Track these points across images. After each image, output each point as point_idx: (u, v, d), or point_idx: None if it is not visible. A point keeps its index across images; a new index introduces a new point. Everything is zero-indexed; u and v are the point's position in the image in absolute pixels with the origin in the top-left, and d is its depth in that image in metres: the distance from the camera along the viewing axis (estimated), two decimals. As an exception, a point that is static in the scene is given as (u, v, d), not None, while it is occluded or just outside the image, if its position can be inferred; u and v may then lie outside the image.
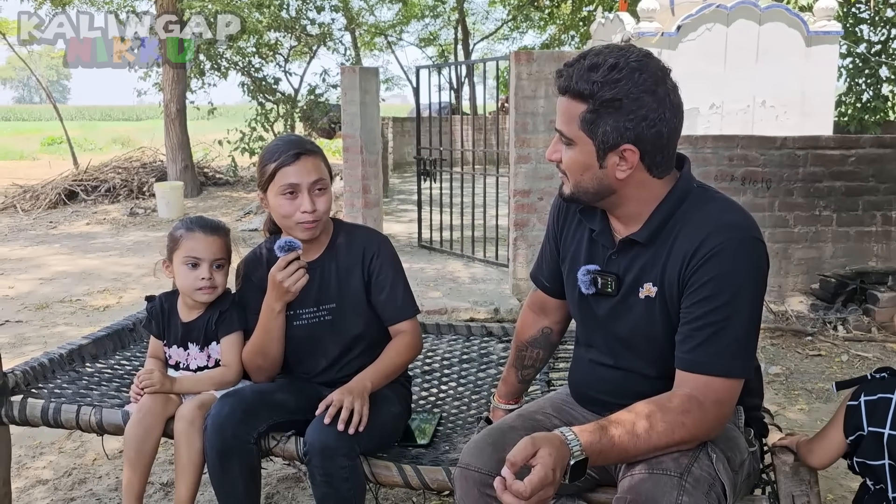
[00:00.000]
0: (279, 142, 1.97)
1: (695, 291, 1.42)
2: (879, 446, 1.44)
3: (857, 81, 12.36)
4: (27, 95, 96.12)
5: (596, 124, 1.42)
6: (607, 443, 1.33)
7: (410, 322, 2.05)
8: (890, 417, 1.44)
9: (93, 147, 21.64)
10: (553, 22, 19.26)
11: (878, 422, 1.45)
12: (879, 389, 1.47)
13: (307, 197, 1.89)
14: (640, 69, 1.39)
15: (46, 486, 2.75)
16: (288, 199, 1.90)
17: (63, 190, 10.70)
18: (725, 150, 4.95)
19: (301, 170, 1.89)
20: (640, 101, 1.39)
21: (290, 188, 1.89)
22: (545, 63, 4.97)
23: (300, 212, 1.89)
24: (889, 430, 1.43)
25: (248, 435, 1.83)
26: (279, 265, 1.88)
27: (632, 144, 1.42)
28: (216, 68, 12.35)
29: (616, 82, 1.38)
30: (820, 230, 5.12)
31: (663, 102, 1.41)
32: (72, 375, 2.40)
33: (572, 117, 1.44)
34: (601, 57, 1.41)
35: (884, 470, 1.44)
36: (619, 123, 1.40)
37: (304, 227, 1.92)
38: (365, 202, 6.38)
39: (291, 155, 1.89)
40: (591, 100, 1.40)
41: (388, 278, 2.02)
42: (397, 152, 15.32)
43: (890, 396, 1.45)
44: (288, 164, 1.89)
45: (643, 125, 1.40)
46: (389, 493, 2.58)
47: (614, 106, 1.39)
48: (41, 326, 4.84)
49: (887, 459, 1.43)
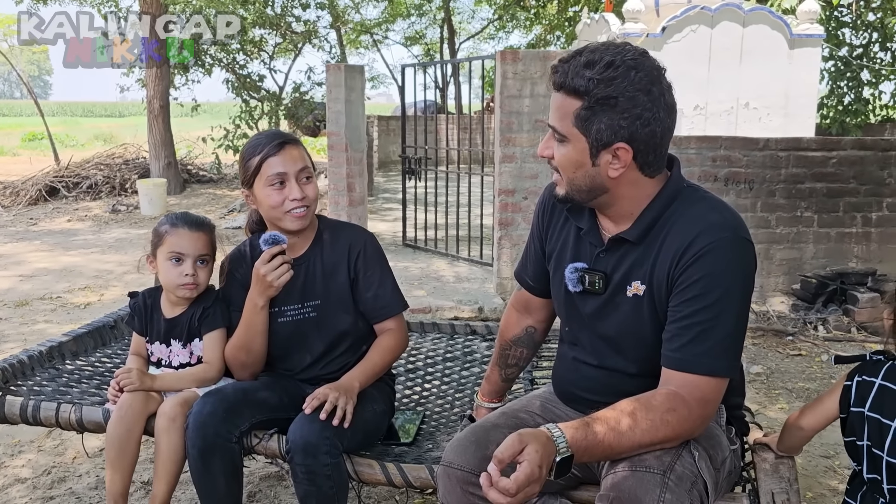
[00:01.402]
0: (259, 136, 1.97)
1: (683, 290, 1.43)
2: (861, 427, 1.49)
3: (838, 84, 12.51)
4: (7, 90, 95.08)
5: (590, 121, 1.41)
6: (593, 440, 1.33)
7: (396, 319, 2.05)
8: (871, 399, 1.47)
9: (75, 143, 21.42)
10: (539, 22, 19.31)
11: (861, 402, 1.49)
12: (868, 371, 1.51)
13: (295, 185, 1.89)
14: (636, 67, 1.39)
15: (25, 485, 2.72)
16: (276, 189, 1.89)
17: (44, 186, 10.57)
18: (709, 151, 4.99)
19: (286, 159, 1.89)
20: (635, 100, 1.39)
21: (277, 178, 1.88)
22: (531, 63, 4.98)
23: (290, 199, 1.89)
24: (868, 412, 1.47)
25: (230, 433, 1.82)
26: (263, 259, 1.86)
27: (625, 143, 1.42)
28: (200, 65, 12.25)
29: (612, 80, 1.38)
30: (801, 231, 5.17)
31: (658, 102, 1.41)
32: (52, 373, 2.37)
33: (566, 114, 1.44)
34: (597, 54, 1.40)
35: (861, 450, 1.49)
36: (613, 121, 1.40)
37: (294, 216, 1.91)
38: (350, 200, 6.37)
39: (275, 145, 1.90)
40: (587, 97, 1.40)
41: (374, 275, 2.02)
42: (382, 151, 15.30)
43: (874, 380, 1.49)
44: (273, 155, 1.89)
45: (637, 124, 1.40)
46: (372, 491, 2.57)
47: (609, 104, 1.39)
48: (21, 324, 4.78)
49: (866, 440, 1.48)
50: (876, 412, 1.46)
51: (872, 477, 1.49)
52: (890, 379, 1.47)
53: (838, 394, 1.54)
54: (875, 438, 1.46)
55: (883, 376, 1.48)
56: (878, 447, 1.46)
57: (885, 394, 1.46)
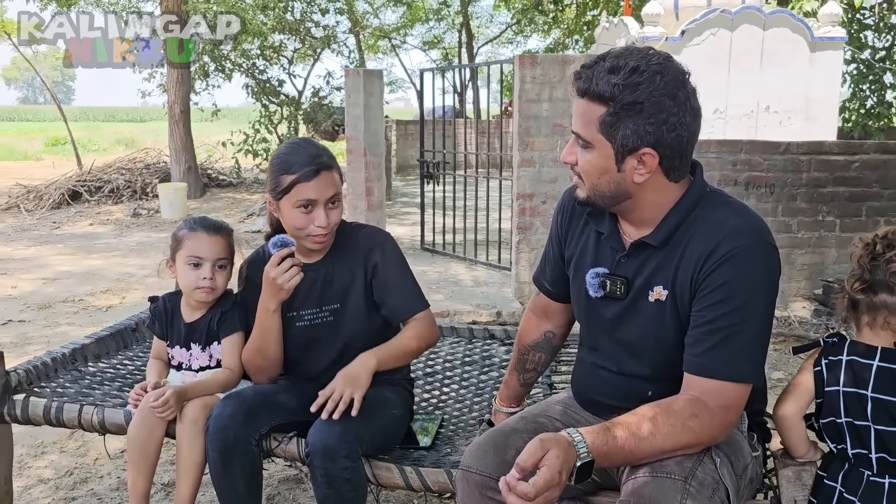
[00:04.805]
0: (296, 152, 1.90)
1: (707, 295, 1.42)
2: (838, 404, 1.54)
3: (861, 87, 12.37)
4: (31, 96, 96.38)
5: (616, 127, 1.40)
6: (613, 445, 1.32)
7: (424, 312, 2.03)
8: (842, 376, 1.53)
9: (97, 148, 21.67)
10: (557, 26, 19.27)
11: (835, 381, 1.55)
12: (833, 353, 1.57)
13: (322, 213, 1.88)
14: (661, 72, 1.38)
15: (48, 485, 2.75)
16: (302, 212, 1.88)
17: (67, 190, 10.71)
18: (729, 155, 4.94)
19: (320, 186, 1.87)
20: (660, 105, 1.37)
21: (307, 202, 1.87)
22: (549, 67, 4.97)
23: (314, 225, 1.89)
24: (843, 388, 1.53)
25: (249, 436, 1.83)
26: (273, 262, 1.86)
27: (651, 148, 1.40)
28: (220, 70, 12.38)
29: (637, 85, 1.37)
30: (823, 235, 5.11)
31: (684, 106, 1.39)
32: (74, 375, 2.40)
33: (591, 120, 1.42)
34: (622, 59, 1.39)
35: (842, 427, 1.54)
36: (639, 127, 1.38)
37: (315, 241, 1.92)
38: (368, 204, 6.38)
39: (311, 171, 1.86)
40: (612, 102, 1.39)
41: (394, 276, 2.01)
42: (400, 155, 15.34)
43: (841, 357, 1.55)
44: (307, 181, 1.86)
45: (663, 129, 1.39)
46: (390, 494, 2.57)
47: (635, 109, 1.37)
48: (44, 326, 4.84)
49: (845, 417, 1.52)
50: (851, 386, 1.52)
51: (857, 452, 1.52)
52: (855, 353, 1.54)
53: (809, 374, 1.59)
54: (856, 411, 1.51)
55: (847, 352, 1.54)
56: (861, 419, 1.51)
57: (855, 368, 1.53)
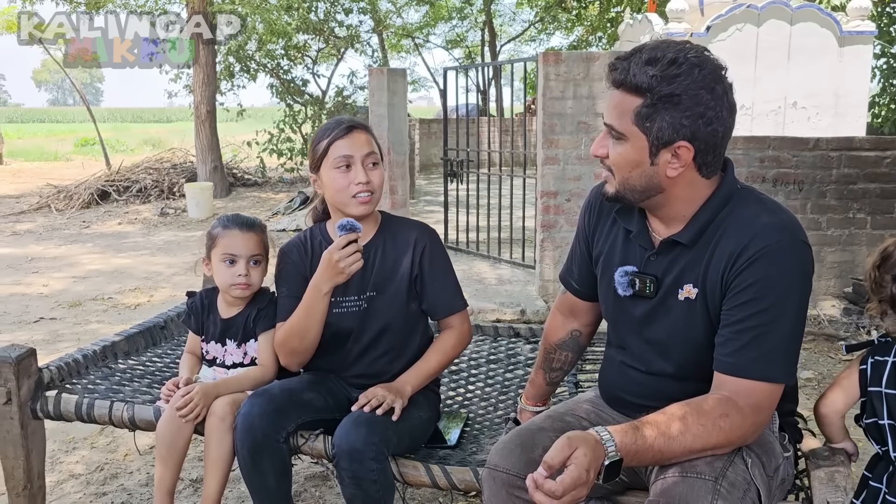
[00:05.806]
0: (329, 122, 2.00)
1: (738, 294, 1.40)
2: (881, 406, 1.52)
3: (891, 82, 12.14)
4: (61, 97, 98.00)
5: (652, 119, 1.38)
6: (642, 444, 1.31)
7: (461, 315, 2.05)
8: (886, 376, 1.52)
9: (125, 148, 21.99)
10: (580, 23, 19.17)
11: (878, 381, 1.53)
12: (880, 352, 1.56)
13: (361, 169, 1.91)
14: (699, 65, 1.36)
15: (79, 480, 2.80)
16: (342, 172, 1.91)
17: (96, 190, 10.89)
18: (757, 152, 4.88)
19: (354, 142, 1.92)
20: (698, 98, 1.36)
21: (344, 160, 1.91)
22: (573, 64, 4.95)
23: (354, 184, 1.90)
24: (885, 389, 1.51)
25: (277, 434, 1.83)
26: (338, 244, 1.82)
27: (687, 141, 1.39)
28: (245, 70, 12.48)
29: (675, 77, 1.35)
30: (853, 233, 5.03)
31: (721, 100, 1.38)
32: (105, 372, 2.43)
33: (626, 111, 1.41)
34: (659, 51, 1.38)
35: (885, 429, 1.52)
36: (675, 119, 1.37)
37: (359, 202, 1.92)
38: (392, 203, 6.40)
39: (344, 129, 1.93)
40: (649, 94, 1.37)
41: (440, 271, 2.02)
42: (424, 154, 15.35)
43: (887, 358, 1.53)
44: (340, 138, 1.92)
45: (700, 122, 1.37)
46: (416, 492, 2.58)
47: (672, 101, 1.36)
48: (75, 324, 4.92)
49: (887, 419, 1.51)
50: (894, 388, 1.50)
51: None
52: None
53: (855, 373, 1.58)
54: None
55: (895, 354, 1.52)
56: None
57: None
